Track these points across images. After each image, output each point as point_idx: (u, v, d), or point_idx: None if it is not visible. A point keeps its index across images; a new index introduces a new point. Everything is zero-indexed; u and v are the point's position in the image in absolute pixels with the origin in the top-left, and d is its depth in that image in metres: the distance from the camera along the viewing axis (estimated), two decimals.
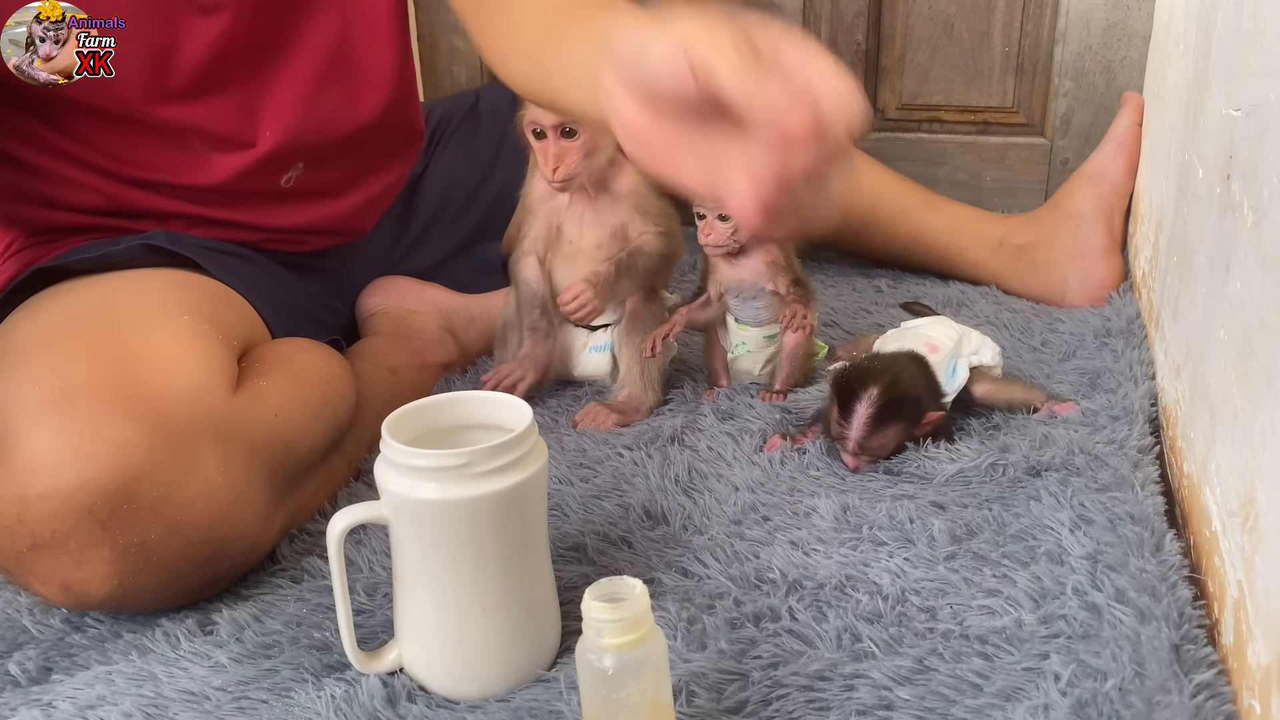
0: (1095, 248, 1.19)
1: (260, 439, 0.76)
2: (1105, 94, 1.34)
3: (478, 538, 0.62)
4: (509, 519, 0.62)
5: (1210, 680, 0.60)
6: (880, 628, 0.67)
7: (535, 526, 0.65)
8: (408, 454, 0.61)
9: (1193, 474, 0.77)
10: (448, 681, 0.65)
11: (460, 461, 0.60)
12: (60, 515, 0.65)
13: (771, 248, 0.97)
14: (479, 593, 0.63)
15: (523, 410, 0.65)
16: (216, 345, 0.78)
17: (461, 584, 0.63)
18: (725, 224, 0.95)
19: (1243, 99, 0.72)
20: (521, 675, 0.66)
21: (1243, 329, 0.66)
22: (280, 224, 0.99)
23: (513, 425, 0.64)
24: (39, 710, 0.65)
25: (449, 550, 0.62)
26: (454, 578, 0.62)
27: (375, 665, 0.66)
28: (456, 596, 0.63)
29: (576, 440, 0.94)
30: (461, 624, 0.63)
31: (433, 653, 0.65)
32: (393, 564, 0.65)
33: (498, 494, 0.61)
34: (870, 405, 0.85)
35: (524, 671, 0.66)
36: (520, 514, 0.63)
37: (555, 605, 0.68)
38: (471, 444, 0.62)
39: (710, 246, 0.96)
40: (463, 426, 0.68)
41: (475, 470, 0.60)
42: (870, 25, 1.39)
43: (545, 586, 0.67)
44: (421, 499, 0.61)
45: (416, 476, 0.61)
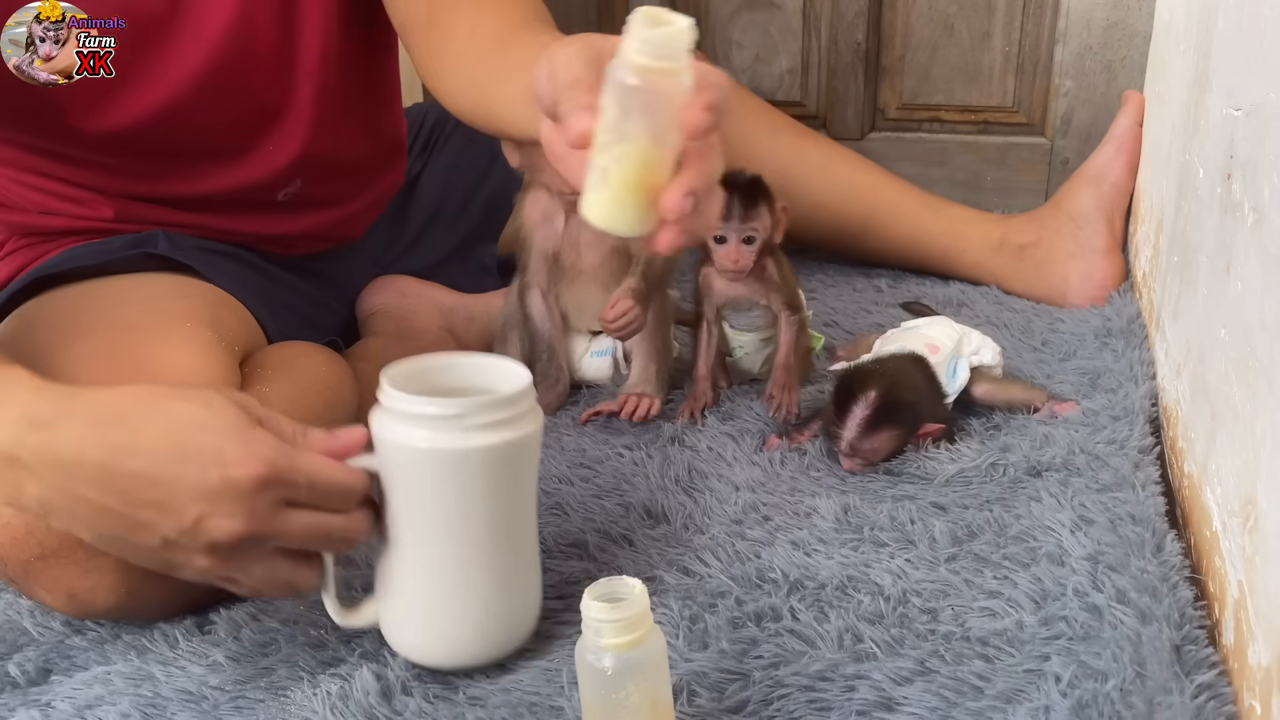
0: (1096, 247, 1.19)
1: None
2: (1105, 94, 1.34)
3: (465, 493, 0.61)
4: (499, 477, 0.62)
5: (1211, 681, 0.59)
6: (882, 628, 0.67)
7: (524, 492, 0.65)
8: (404, 400, 0.60)
9: (1193, 474, 0.77)
10: (418, 641, 0.64)
11: (455, 411, 0.60)
12: None
13: (766, 264, 0.95)
14: (460, 552, 0.62)
15: (520, 373, 0.65)
16: (219, 352, 0.78)
17: (444, 541, 0.62)
18: (750, 246, 0.92)
19: (1243, 98, 0.71)
20: (494, 645, 0.65)
21: (1243, 329, 0.66)
22: (271, 232, 0.99)
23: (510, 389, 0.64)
24: (37, 711, 0.65)
25: (435, 503, 0.61)
26: (436, 534, 0.62)
27: (352, 620, 0.66)
28: (439, 553, 0.62)
29: (576, 440, 0.94)
30: (440, 583, 0.63)
31: (408, 610, 0.64)
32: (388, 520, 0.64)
33: (490, 448, 0.60)
34: (866, 408, 0.85)
35: (497, 642, 0.65)
36: (510, 474, 0.63)
37: (537, 579, 0.68)
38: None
39: (735, 272, 0.93)
40: (460, 389, 0.66)
41: (470, 422, 0.60)
42: (870, 25, 1.39)
43: (528, 557, 0.67)
44: (413, 447, 0.60)
45: (411, 424, 0.60)
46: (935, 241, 1.26)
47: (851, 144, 1.43)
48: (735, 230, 0.92)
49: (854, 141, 1.44)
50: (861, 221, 1.26)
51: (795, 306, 0.98)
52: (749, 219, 0.91)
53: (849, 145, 1.41)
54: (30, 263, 0.88)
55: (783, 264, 0.98)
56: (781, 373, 0.97)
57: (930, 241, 1.26)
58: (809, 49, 1.43)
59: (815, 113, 1.47)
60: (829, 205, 1.25)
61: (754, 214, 0.92)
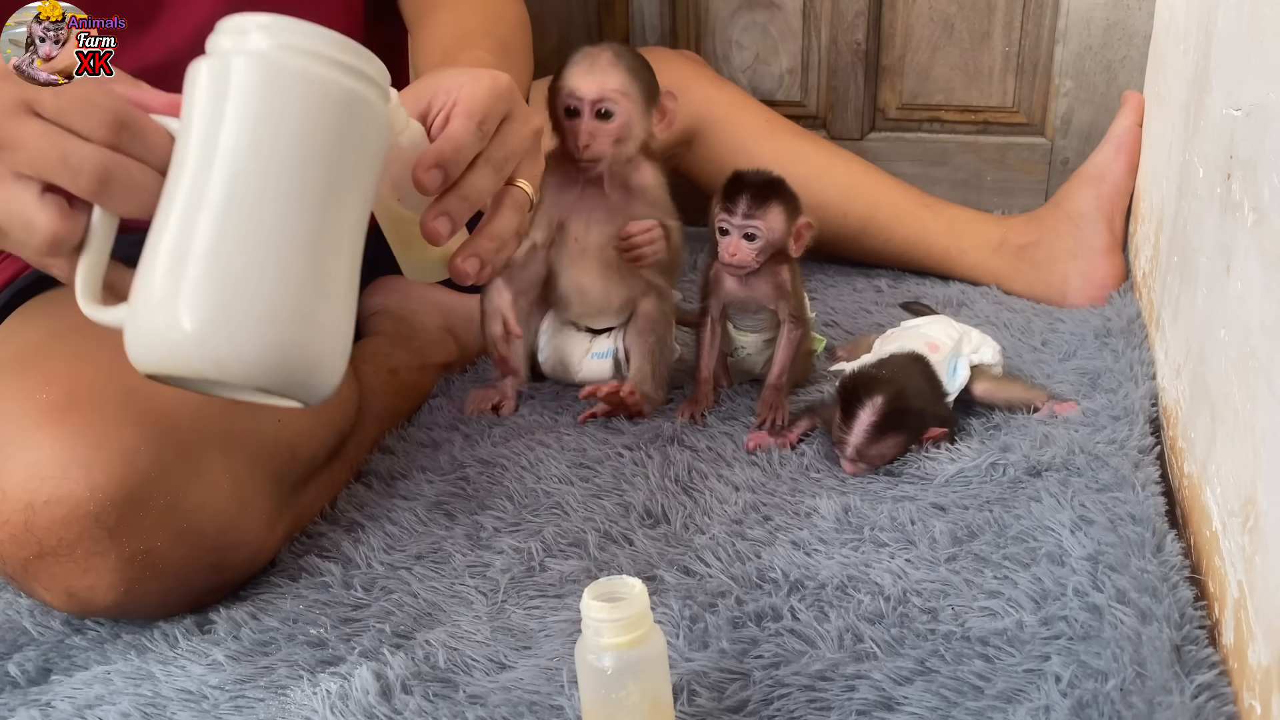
0: (1096, 247, 1.19)
1: (265, 446, 0.76)
2: (1105, 94, 1.34)
3: (279, 129, 0.50)
4: (321, 129, 0.51)
5: (1211, 681, 0.60)
6: (882, 628, 0.67)
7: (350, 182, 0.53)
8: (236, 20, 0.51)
9: (1193, 474, 0.77)
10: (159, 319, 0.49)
11: (325, 44, 0.51)
12: (67, 523, 0.65)
13: (781, 270, 0.95)
14: (255, 210, 0.50)
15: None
16: None
17: (241, 190, 0.49)
18: (751, 244, 0.92)
19: (1243, 99, 0.71)
20: (268, 358, 0.50)
21: (1243, 329, 0.66)
22: None
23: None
24: (37, 710, 0.65)
25: (239, 135, 0.49)
26: (227, 178, 0.49)
27: (105, 315, 0.54)
28: (226, 206, 0.49)
29: (576, 440, 0.94)
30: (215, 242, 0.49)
31: (158, 282, 0.50)
32: (169, 176, 0.51)
33: (351, 93, 0.51)
34: (874, 414, 0.84)
35: (271, 354, 0.50)
36: (337, 139, 0.51)
37: (345, 327, 0.54)
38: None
39: (732, 266, 0.93)
40: None
41: (336, 58, 0.51)
42: (870, 25, 1.39)
43: (340, 280, 0.53)
44: (258, 51, 0.50)
45: (252, 31, 0.50)
46: (935, 242, 1.26)
47: (851, 144, 1.43)
48: (737, 225, 0.91)
49: (854, 141, 1.44)
50: (861, 222, 1.27)
51: (800, 318, 0.97)
52: (753, 215, 0.91)
53: (849, 145, 1.41)
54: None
55: (796, 275, 0.97)
56: (771, 392, 0.97)
57: (930, 242, 1.26)
58: (809, 49, 1.43)
59: (815, 113, 1.47)
60: (829, 206, 1.25)
61: (760, 213, 0.91)
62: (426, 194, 0.59)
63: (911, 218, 1.26)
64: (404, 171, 0.58)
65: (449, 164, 0.59)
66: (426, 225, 0.59)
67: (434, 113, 0.63)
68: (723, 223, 0.92)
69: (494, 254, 0.63)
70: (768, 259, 0.94)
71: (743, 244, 0.92)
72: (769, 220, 0.91)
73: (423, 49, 0.87)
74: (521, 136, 0.64)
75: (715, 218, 0.93)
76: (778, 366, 0.97)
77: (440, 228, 0.59)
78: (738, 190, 0.92)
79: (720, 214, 0.93)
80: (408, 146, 0.59)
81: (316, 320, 0.51)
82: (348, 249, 0.53)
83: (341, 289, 0.53)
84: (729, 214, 0.92)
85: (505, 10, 0.92)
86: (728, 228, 0.92)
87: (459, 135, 0.59)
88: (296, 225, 0.51)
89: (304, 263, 0.51)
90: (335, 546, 0.80)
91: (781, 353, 0.97)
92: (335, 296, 0.53)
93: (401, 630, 0.71)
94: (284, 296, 0.50)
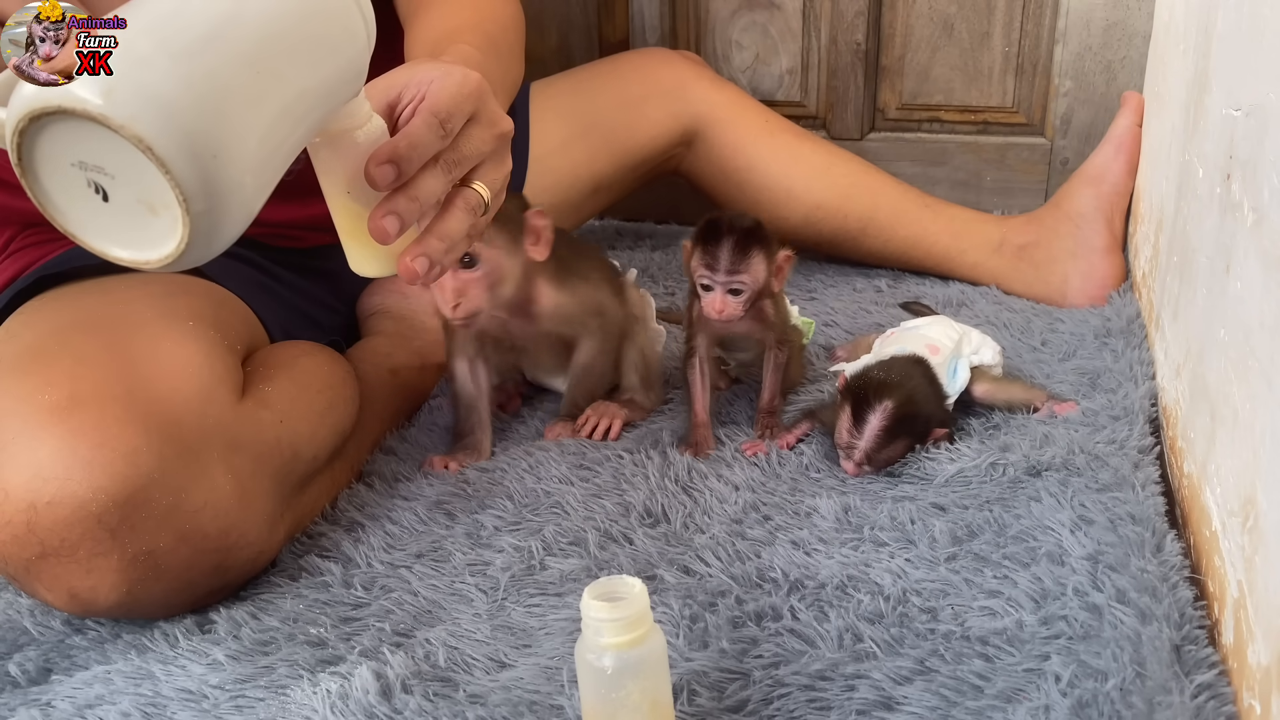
0: (1095, 247, 1.19)
1: (267, 446, 0.76)
2: (1105, 94, 1.34)
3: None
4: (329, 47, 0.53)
5: (1211, 680, 0.60)
6: (882, 628, 0.67)
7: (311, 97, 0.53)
8: None
9: (1193, 474, 0.77)
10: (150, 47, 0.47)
11: None
12: (69, 524, 0.65)
13: (764, 304, 0.91)
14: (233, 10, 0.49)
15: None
16: (222, 350, 0.78)
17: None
18: (737, 297, 0.87)
19: (1243, 99, 0.72)
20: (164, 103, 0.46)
21: (1243, 329, 0.66)
22: (278, 219, 0.99)
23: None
24: (38, 710, 0.65)
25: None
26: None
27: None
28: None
29: (576, 442, 0.94)
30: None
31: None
32: None
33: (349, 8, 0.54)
34: (884, 419, 0.84)
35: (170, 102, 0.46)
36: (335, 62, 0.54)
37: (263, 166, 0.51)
38: None
39: (720, 321, 0.88)
40: None
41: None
42: (870, 25, 1.39)
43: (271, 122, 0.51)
44: None
45: None
46: (935, 242, 1.26)
47: (851, 144, 1.43)
48: (721, 282, 0.86)
49: (854, 141, 1.44)
50: (861, 223, 1.27)
51: (784, 340, 0.94)
52: (736, 270, 0.86)
53: (849, 145, 1.41)
54: (34, 261, 0.88)
55: (780, 303, 0.94)
56: (764, 415, 0.94)
57: (930, 242, 1.26)
58: (809, 49, 1.43)
59: (815, 113, 1.47)
60: (828, 207, 1.26)
61: (743, 265, 0.86)
62: (377, 189, 0.58)
63: (911, 218, 1.26)
64: (359, 164, 0.58)
65: (403, 161, 0.58)
66: (374, 223, 0.58)
67: (402, 105, 0.62)
68: (705, 279, 0.87)
69: (443, 254, 0.62)
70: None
71: (729, 299, 0.87)
72: (753, 272, 0.87)
73: (413, 45, 0.86)
74: (484, 140, 0.63)
75: (695, 272, 0.87)
76: (768, 391, 0.94)
77: (387, 226, 0.58)
78: (716, 243, 0.86)
79: (701, 270, 0.87)
80: (363, 141, 0.58)
81: (235, 121, 0.48)
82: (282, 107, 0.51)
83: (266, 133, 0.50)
84: (711, 270, 0.86)
85: (498, 9, 0.92)
86: (711, 285, 0.87)
87: (417, 133, 0.59)
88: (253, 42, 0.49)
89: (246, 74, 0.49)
90: (335, 546, 0.80)
91: (770, 377, 0.94)
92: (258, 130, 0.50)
93: (401, 629, 0.71)
94: (216, 77, 0.48)
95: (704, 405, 0.93)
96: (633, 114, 1.24)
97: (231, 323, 0.84)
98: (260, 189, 0.51)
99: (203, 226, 0.48)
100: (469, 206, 0.63)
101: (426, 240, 0.62)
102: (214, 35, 0.48)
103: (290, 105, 0.52)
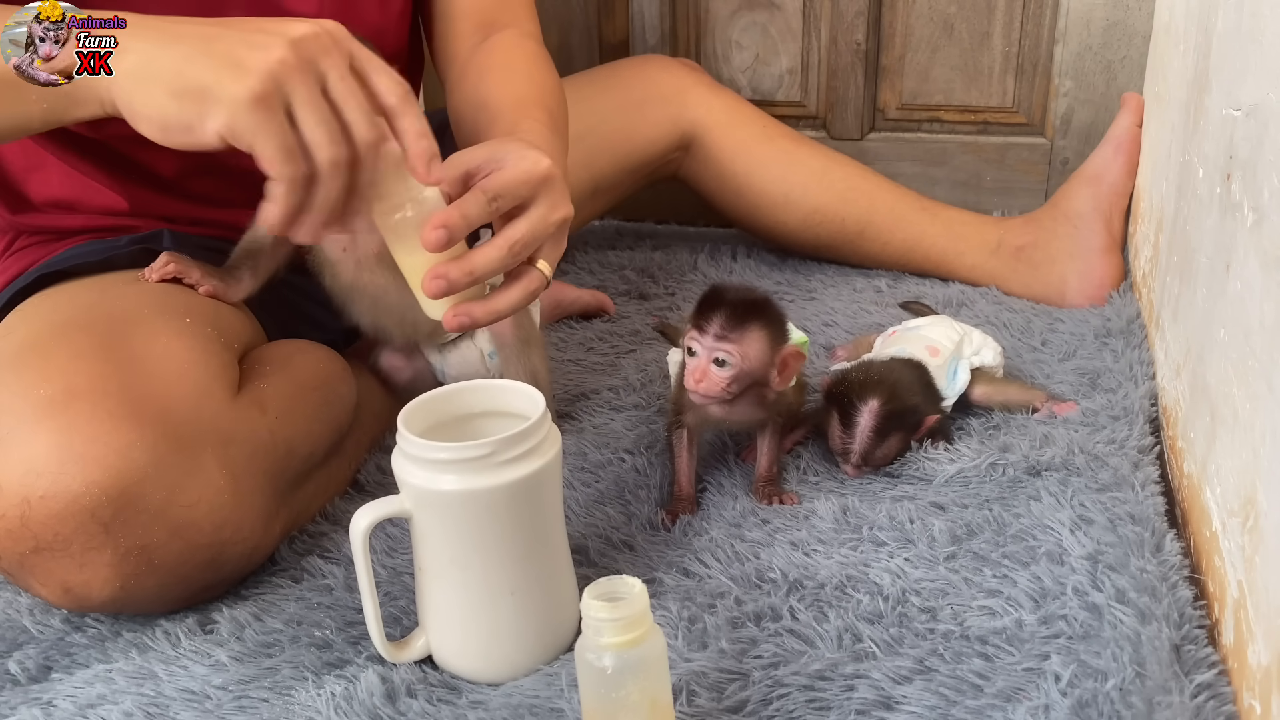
0: (1094, 247, 1.19)
1: (262, 442, 0.76)
2: (1105, 94, 1.34)
3: (502, 524, 0.63)
4: (530, 504, 0.64)
5: (1211, 680, 0.60)
6: (881, 628, 0.67)
7: (553, 508, 0.67)
8: (427, 448, 0.61)
9: (1193, 474, 0.77)
10: (482, 665, 0.66)
11: (481, 453, 0.61)
12: (63, 518, 0.65)
13: (768, 394, 0.80)
14: (507, 576, 0.64)
15: (534, 397, 0.66)
16: (218, 348, 0.78)
17: (490, 569, 0.64)
18: (721, 370, 0.76)
19: (1243, 99, 0.72)
20: (550, 652, 0.67)
21: (1243, 329, 0.66)
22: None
23: (524, 411, 0.65)
24: (39, 709, 0.65)
25: (475, 539, 0.63)
26: (482, 564, 0.64)
27: (403, 654, 0.67)
28: (485, 582, 0.64)
29: (577, 444, 0.93)
30: (493, 608, 0.65)
31: (466, 638, 0.66)
32: (415, 555, 0.66)
33: (518, 481, 0.62)
34: (873, 417, 0.84)
35: (552, 648, 0.68)
36: (540, 498, 0.64)
37: (574, 583, 0.70)
38: (485, 432, 0.63)
39: (701, 396, 0.77)
40: (474, 415, 0.69)
41: (496, 460, 0.61)
42: (870, 25, 1.39)
43: (565, 565, 0.69)
44: (444, 490, 0.61)
45: (437, 469, 0.61)
46: (933, 244, 1.26)
47: (851, 144, 1.43)
48: (706, 347, 0.76)
49: (854, 142, 1.44)
50: (859, 226, 1.27)
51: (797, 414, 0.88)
52: (725, 338, 0.76)
53: (849, 145, 1.41)
54: (35, 261, 0.88)
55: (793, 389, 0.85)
56: (763, 484, 0.84)
57: (928, 245, 1.26)
58: (809, 49, 1.43)
59: (815, 113, 1.47)
60: (826, 210, 1.26)
61: (735, 335, 0.76)
62: (430, 250, 0.66)
63: (909, 221, 1.27)
64: (413, 236, 0.67)
65: (453, 227, 0.66)
66: (425, 281, 0.67)
67: (478, 176, 0.70)
68: (691, 342, 0.77)
69: (484, 318, 0.71)
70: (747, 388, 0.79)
71: (711, 369, 0.76)
72: (745, 346, 0.76)
73: (468, 104, 0.89)
74: (546, 223, 0.71)
75: (685, 335, 0.78)
76: (765, 459, 0.84)
77: (433, 288, 0.67)
78: (712, 307, 0.76)
79: (690, 331, 0.77)
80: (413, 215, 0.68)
81: (551, 615, 0.68)
82: (560, 542, 0.69)
83: (562, 575, 0.69)
84: (699, 332, 0.76)
85: (548, 80, 0.93)
86: (696, 349, 0.77)
87: (467, 205, 0.67)
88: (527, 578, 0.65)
89: (536, 594, 0.66)
90: (337, 548, 0.80)
91: (767, 445, 0.84)
92: (560, 583, 0.68)
93: (404, 632, 0.71)
94: (529, 623, 0.67)
95: (689, 479, 0.84)
96: (631, 118, 1.25)
97: (228, 320, 0.84)
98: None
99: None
100: (528, 289, 0.72)
101: (473, 307, 0.70)
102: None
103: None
